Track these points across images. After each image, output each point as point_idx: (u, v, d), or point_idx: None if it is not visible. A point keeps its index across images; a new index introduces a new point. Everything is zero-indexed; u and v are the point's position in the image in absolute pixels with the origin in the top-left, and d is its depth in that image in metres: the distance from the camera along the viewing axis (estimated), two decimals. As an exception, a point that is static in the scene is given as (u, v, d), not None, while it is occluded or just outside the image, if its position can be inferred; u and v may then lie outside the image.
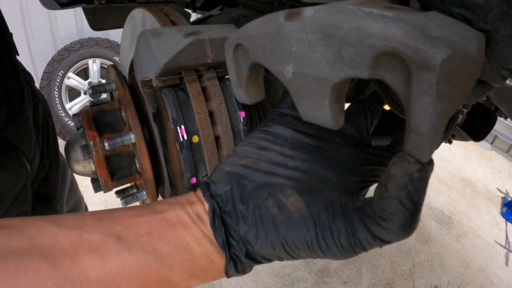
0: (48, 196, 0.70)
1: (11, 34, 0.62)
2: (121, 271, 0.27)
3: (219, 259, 0.31)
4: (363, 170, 0.32)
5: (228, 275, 0.31)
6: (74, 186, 0.99)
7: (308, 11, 0.26)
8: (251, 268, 0.32)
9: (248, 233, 0.30)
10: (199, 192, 0.34)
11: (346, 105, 0.37)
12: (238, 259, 0.30)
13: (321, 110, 0.27)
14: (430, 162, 0.26)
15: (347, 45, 0.23)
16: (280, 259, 0.31)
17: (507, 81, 0.29)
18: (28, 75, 0.72)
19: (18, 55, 0.64)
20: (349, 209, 0.29)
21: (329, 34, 0.24)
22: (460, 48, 0.21)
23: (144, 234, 0.29)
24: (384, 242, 0.27)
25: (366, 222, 0.27)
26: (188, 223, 0.31)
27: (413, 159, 0.25)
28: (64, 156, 0.66)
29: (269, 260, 0.32)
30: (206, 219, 0.31)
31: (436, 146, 0.24)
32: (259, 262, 0.32)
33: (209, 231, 0.31)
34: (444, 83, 0.21)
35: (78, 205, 1.02)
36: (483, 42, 0.24)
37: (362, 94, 0.31)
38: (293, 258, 0.31)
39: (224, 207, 0.31)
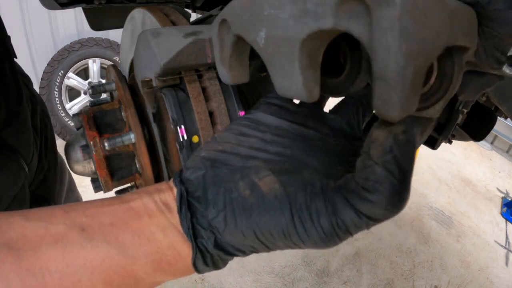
0: (46, 198, 0.70)
1: (9, 37, 0.63)
2: (82, 264, 0.26)
3: (186, 251, 0.28)
4: (350, 160, 0.30)
5: (197, 268, 0.29)
6: (72, 186, 0.99)
7: None
8: (224, 262, 0.30)
9: (216, 218, 0.28)
10: (171, 181, 0.32)
11: (339, 99, 0.36)
12: (206, 249, 0.28)
13: (293, 78, 0.26)
14: (417, 123, 0.24)
15: None
16: (255, 250, 0.28)
17: (506, 69, 0.27)
18: (26, 78, 0.72)
19: (16, 58, 0.64)
20: (330, 189, 0.25)
21: None
22: None
23: (108, 224, 0.28)
24: (372, 219, 0.23)
25: (349, 198, 0.23)
26: (154, 212, 0.29)
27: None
28: (63, 156, 0.66)
29: (242, 252, 0.29)
30: (174, 206, 0.29)
31: (410, 103, 0.21)
32: (230, 254, 0.29)
33: (176, 219, 0.29)
34: (408, 19, 0.19)
35: None
36: (474, 19, 0.23)
37: (352, 85, 0.31)
38: (268, 248, 0.28)
39: (194, 192, 0.29)
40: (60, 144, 2.12)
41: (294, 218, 0.25)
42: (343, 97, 0.36)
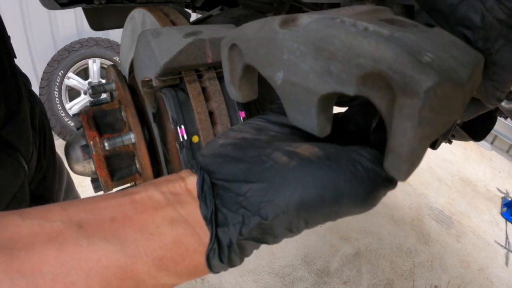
0: (45, 197, 0.71)
1: (9, 37, 0.63)
2: (77, 264, 0.23)
3: (195, 245, 0.26)
4: None
5: (209, 264, 0.26)
6: (70, 186, 1.00)
7: (303, 19, 0.26)
8: (240, 258, 0.27)
9: (249, 192, 0.25)
10: (182, 172, 0.30)
11: (345, 109, 0.37)
12: (227, 239, 0.25)
13: (308, 117, 0.27)
14: None
15: (335, 61, 0.23)
16: (289, 230, 0.26)
17: (503, 104, 0.29)
18: (24, 77, 0.72)
19: (15, 58, 0.64)
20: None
21: (319, 48, 0.24)
22: (450, 75, 0.20)
23: (108, 220, 0.25)
24: None
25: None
26: (161, 203, 0.27)
27: None
28: (62, 156, 0.67)
29: (273, 237, 0.26)
30: (185, 197, 0.27)
31: (415, 167, 0.24)
32: (258, 240, 0.26)
33: (186, 210, 0.26)
34: (428, 110, 0.20)
35: None
36: (482, 64, 0.24)
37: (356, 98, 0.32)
38: (306, 224, 0.26)
39: (217, 173, 0.27)
40: (60, 144, 2.12)
41: (347, 168, 0.25)
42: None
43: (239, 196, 0.26)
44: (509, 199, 2.94)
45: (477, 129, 0.90)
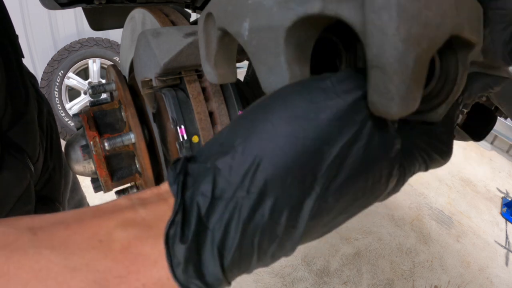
0: (50, 197, 0.71)
1: (17, 36, 0.63)
2: (19, 274, 0.21)
3: (150, 251, 0.21)
4: None
5: (175, 274, 0.21)
6: (76, 186, 1.00)
7: None
8: (218, 254, 0.21)
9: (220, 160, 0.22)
10: (163, 184, 0.26)
11: None
12: (195, 203, 0.21)
13: (279, 73, 0.24)
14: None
15: None
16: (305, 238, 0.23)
17: (511, 68, 0.26)
18: (32, 77, 0.72)
19: (23, 57, 0.64)
20: None
21: None
22: None
23: (62, 227, 0.23)
24: None
25: None
26: (121, 206, 0.24)
27: None
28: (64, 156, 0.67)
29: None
30: (153, 198, 0.24)
31: (411, 97, 0.18)
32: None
33: (147, 210, 0.23)
34: None
35: (80, 205, 1.02)
36: None
37: None
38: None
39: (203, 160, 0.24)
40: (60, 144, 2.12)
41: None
42: None
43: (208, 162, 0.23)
44: (509, 199, 2.94)
45: (477, 129, 0.90)
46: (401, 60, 0.17)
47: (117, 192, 0.69)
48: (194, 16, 1.00)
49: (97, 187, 0.61)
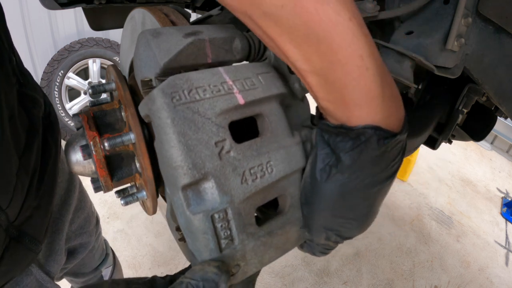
0: (29, 234, 0.66)
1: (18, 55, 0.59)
2: None
3: None
4: None
5: None
6: (82, 204, 0.94)
7: None
8: None
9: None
10: None
11: None
12: None
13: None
14: None
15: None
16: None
17: None
18: (36, 103, 0.65)
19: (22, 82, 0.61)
20: None
21: None
22: None
23: None
24: None
25: None
26: None
27: None
28: (65, 160, 0.64)
29: None
30: None
31: None
32: None
33: None
34: None
35: (86, 223, 0.97)
36: None
37: None
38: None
39: None
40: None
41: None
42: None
43: None
44: (509, 199, 2.95)
45: (477, 129, 0.90)
46: None
47: (117, 192, 0.69)
48: (194, 16, 1.00)
49: (97, 187, 0.61)
